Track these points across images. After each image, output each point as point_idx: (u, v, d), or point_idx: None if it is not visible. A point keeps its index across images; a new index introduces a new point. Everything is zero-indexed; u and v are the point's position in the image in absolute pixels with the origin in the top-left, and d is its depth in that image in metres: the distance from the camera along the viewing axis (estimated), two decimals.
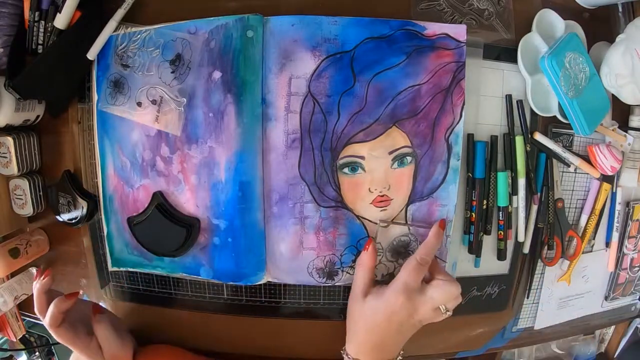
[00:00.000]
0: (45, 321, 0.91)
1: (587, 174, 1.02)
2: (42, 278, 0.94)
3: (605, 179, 1.04)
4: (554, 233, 1.03)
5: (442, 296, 0.85)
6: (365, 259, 0.90)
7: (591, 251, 1.10)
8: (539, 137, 0.97)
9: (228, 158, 0.88)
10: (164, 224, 0.94)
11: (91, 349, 0.93)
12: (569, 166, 1.00)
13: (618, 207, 1.07)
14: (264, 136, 0.89)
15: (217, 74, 0.86)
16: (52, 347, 1.46)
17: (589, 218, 1.06)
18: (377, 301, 0.86)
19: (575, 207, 1.06)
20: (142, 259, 1.00)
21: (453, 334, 1.08)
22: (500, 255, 1.00)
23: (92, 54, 0.92)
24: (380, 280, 0.96)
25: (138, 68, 0.92)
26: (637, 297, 1.23)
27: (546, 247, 1.04)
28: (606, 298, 1.17)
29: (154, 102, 0.92)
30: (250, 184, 0.90)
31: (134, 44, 0.92)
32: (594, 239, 1.09)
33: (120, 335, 0.96)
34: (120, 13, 0.90)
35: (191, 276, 1.00)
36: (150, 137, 0.93)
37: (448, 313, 0.86)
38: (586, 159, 1.00)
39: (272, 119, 0.88)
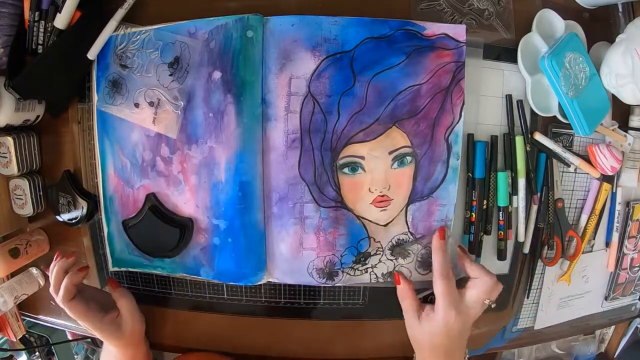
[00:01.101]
0: (59, 295, 0.93)
1: (587, 174, 1.02)
2: (64, 258, 0.98)
3: (605, 179, 1.04)
4: (554, 233, 1.03)
5: (483, 293, 0.88)
6: (404, 292, 0.94)
7: (591, 251, 1.10)
8: (539, 137, 0.97)
9: (228, 158, 0.88)
10: (157, 226, 0.95)
11: (104, 324, 0.96)
12: (569, 166, 1.00)
13: (618, 207, 1.07)
14: (264, 136, 0.89)
15: (217, 74, 0.86)
16: (52, 347, 1.46)
17: (589, 218, 1.06)
18: (432, 324, 0.88)
19: (575, 207, 1.06)
20: (143, 259, 1.00)
21: None
22: (501, 255, 1.00)
23: (92, 54, 0.92)
24: (422, 298, 0.97)
25: (136, 69, 0.92)
26: (637, 297, 1.23)
27: (546, 247, 1.04)
28: (606, 298, 1.17)
29: (151, 104, 0.92)
30: (250, 184, 0.90)
31: (133, 44, 0.92)
32: (594, 239, 1.09)
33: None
34: (120, 13, 0.91)
35: (191, 276, 1.00)
36: (150, 137, 0.93)
37: (493, 304, 0.90)
38: (586, 159, 1.00)
39: (272, 119, 0.88)
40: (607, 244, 1.11)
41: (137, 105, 0.93)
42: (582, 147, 1.02)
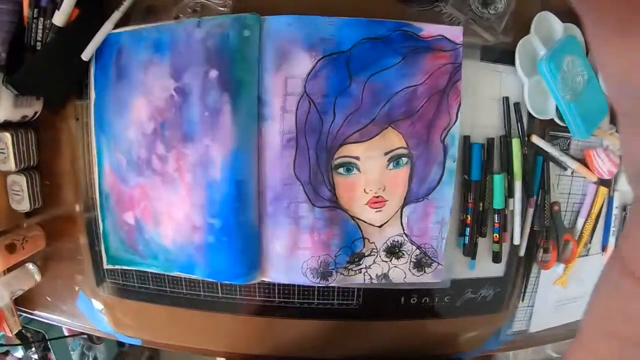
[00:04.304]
0: None
1: (584, 177, 1.02)
2: None
3: (603, 182, 1.03)
4: (550, 237, 1.03)
5: None
6: None
7: (587, 255, 1.10)
8: (535, 140, 0.96)
9: (224, 157, 0.88)
10: None
11: None
12: (565, 169, 0.99)
13: (615, 211, 1.07)
14: (260, 135, 0.90)
15: (213, 73, 0.87)
16: (49, 343, 1.47)
17: (585, 222, 1.06)
18: None
19: (572, 211, 1.06)
20: (137, 257, 1.01)
21: (448, 336, 1.09)
22: (496, 258, 1.00)
23: (86, 55, 0.92)
24: None
25: (134, 67, 0.93)
26: None
27: (542, 250, 1.04)
28: None
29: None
30: (245, 183, 0.90)
31: (130, 42, 0.92)
32: (590, 242, 1.08)
33: None
34: (116, 15, 0.91)
35: (186, 274, 1.00)
36: (146, 135, 0.93)
37: None
38: (583, 162, 1.00)
39: (267, 118, 0.89)
40: (604, 247, 1.11)
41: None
42: (580, 151, 1.02)
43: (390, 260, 0.97)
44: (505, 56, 0.95)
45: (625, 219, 1.08)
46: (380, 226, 0.95)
